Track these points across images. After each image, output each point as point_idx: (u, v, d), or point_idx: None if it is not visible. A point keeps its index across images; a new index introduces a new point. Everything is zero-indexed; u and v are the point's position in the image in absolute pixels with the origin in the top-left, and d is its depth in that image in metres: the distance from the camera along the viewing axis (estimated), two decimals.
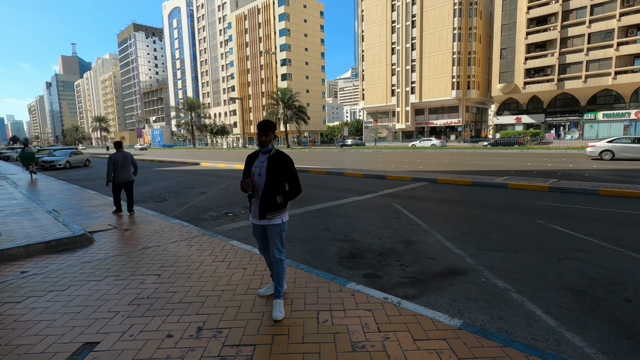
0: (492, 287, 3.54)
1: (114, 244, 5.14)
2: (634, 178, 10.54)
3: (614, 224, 5.71)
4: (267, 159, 2.89)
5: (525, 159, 19.66)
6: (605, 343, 2.58)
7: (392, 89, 60.09)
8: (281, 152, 2.93)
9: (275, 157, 2.89)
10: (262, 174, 2.87)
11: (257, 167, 2.91)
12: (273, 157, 2.89)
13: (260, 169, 2.89)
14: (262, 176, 2.86)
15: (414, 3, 55.33)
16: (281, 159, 2.89)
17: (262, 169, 2.87)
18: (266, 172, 2.85)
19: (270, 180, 2.85)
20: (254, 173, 2.89)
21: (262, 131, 2.84)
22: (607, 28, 41.18)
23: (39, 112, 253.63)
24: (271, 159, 2.88)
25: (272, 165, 2.86)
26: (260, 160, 2.92)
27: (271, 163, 2.87)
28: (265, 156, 2.91)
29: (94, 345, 2.57)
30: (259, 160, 2.93)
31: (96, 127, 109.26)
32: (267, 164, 2.87)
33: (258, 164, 2.91)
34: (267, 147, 2.89)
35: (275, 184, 2.86)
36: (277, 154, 2.91)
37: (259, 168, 2.90)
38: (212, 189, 11.03)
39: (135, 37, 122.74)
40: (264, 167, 2.87)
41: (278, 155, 2.90)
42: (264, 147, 2.88)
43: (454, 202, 7.92)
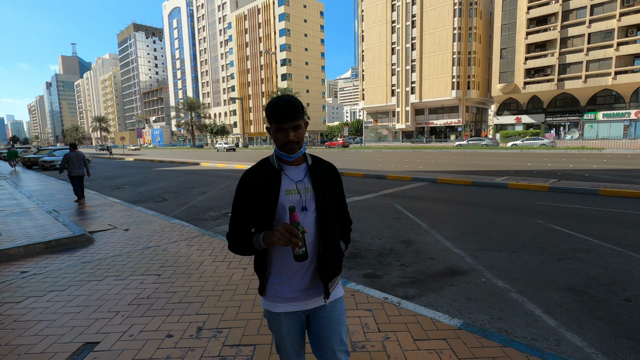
0: (492, 287, 3.54)
1: (114, 244, 5.15)
2: (634, 178, 10.54)
3: (614, 224, 5.71)
4: (308, 172, 1.51)
5: (525, 159, 19.67)
6: (605, 343, 2.58)
7: (392, 89, 60.09)
8: (316, 156, 1.59)
9: (318, 166, 1.54)
10: (309, 203, 1.46)
11: (292, 192, 1.46)
12: (316, 168, 1.53)
13: (301, 197, 1.46)
14: (310, 209, 1.46)
15: (414, 3, 55.33)
16: (327, 168, 1.57)
17: (307, 194, 1.48)
18: (315, 198, 1.47)
19: (325, 212, 1.48)
20: (291, 207, 1.35)
21: (287, 119, 1.36)
22: (607, 28, 41.19)
23: (39, 112, 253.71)
24: (314, 172, 1.51)
25: (321, 183, 1.50)
26: (294, 177, 1.49)
27: (318, 179, 1.50)
28: (301, 168, 1.51)
29: (94, 345, 2.57)
30: (288, 179, 1.48)
31: (96, 127, 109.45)
32: (311, 183, 1.49)
33: (292, 188, 1.47)
34: (298, 152, 1.46)
35: (332, 217, 1.52)
36: (318, 162, 1.57)
37: (297, 195, 1.46)
38: (212, 189, 11.03)
39: (135, 37, 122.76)
40: (308, 189, 1.48)
41: (320, 163, 1.56)
42: (293, 152, 1.44)
43: (454, 202, 7.92)
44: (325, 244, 1.46)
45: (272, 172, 1.43)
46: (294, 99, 1.35)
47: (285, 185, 1.42)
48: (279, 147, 1.41)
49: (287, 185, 1.43)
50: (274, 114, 1.33)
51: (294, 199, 1.42)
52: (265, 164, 1.46)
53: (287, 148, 1.38)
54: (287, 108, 1.32)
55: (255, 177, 1.43)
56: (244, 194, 1.43)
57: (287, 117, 1.32)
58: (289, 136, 1.35)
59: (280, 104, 1.32)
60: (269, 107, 1.34)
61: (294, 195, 1.42)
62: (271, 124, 1.37)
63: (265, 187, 1.40)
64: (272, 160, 1.46)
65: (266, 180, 1.41)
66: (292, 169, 1.46)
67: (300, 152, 1.45)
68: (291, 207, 1.28)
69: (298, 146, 1.40)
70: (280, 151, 1.42)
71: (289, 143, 1.36)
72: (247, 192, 1.42)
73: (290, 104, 1.32)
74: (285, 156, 1.42)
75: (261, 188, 1.40)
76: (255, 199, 1.41)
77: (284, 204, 1.39)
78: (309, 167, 1.49)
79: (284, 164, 1.46)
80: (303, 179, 1.46)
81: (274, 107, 1.32)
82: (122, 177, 16.25)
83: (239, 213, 1.45)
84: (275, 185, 1.40)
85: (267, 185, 1.40)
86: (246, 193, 1.42)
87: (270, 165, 1.45)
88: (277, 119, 1.33)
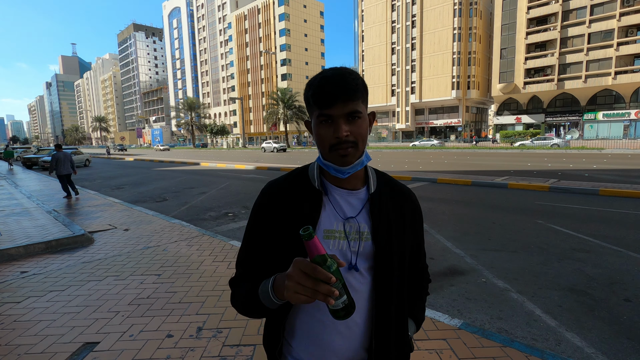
0: (492, 287, 3.54)
1: (114, 244, 5.15)
2: (634, 178, 10.54)
3: (614, 224, 5.71)
4: (368, 203, 0.88)
5: (525, 159, 19.67)
6: (605, 343, 2.58)
7: (392, 89, 60.10)
8: (384, 174, 0.98)
9: (387, 194, 0.92)
10: (362, 260, 0.85)
11: (335, 235, 0.84)
12: (382, 197, 0.90)
13: (350, 245, 0.84)
14: (363, 270, 0.85)
15: (414, 3, 55.35)
16: (402, 197, 0.95)
17: (360, 242, 0.85)
18: (374, 253, 0.86)
19: (389, 279, 0.87)
20: (305, 232, 0.65)
21: (338, 100, 0.78)
22: (607, 28, 41.20)
23: (39, 112, 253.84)
24: (379, 204, 0.89)
25: (387, 227, 0.87)
26: (344, 209, 0.87)
27: (383, 218, 0.88)
28: (358, 195, 0.89)
29: (94, 345, 2.57)
30: (333, 211, 0.86)
31: (96, 127, 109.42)
32: (371, 225, 0.86)
33: (337, 228, 0.85)
34: (356, 162, 0.84)
35: (399, 286, 0.90)
36: (387, 185, 0.94)
37: (345, 241, 0.85)
38: (212, 189, 11.03)
39: (135, 37, 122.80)
40: (364, 235, 0.86)
41: (391, 188, 0.94)
42: (348, 162, 0.82)
43: (454, 202, 7.92)
44: (382, 331, 0.86)
45: (307, 194, 0.86)
46: (351, 71, 0.81)
47: (327, 220, 0.83)
48: (324, 153, 0.83)
49: (329, 222, 0.83)
50: (316, 92, 0.78)
51: (337, 247, 0.83)
52: (300, 177, 0.90)
53: (336, 154, 0.80)
54: (339, 82, 0.76)
55: (283, 196, 0.87)
56: (263, 218, 0.88)
57: (339, 95, 0.76)
58: (340, 130, 0.77)
59: (328, 76, 0.78)
60: (309, 84, 0.81)
61: (338, 241, 0.83)
62: (312, 112, 0.83)
63: (294, 216, 0.84)
64: (311, 174, 0.89)
65: (298, 205, 0.85)
66: (342, 193, 0.86)
67: (360, 164, 0.84)
68: (305, 231, 0.65)
69: (356, 151, 0.80)
70: (326, 160, 0.84)
71: (339, 144, 0.78)
72: (268, 216, 0.87)
73: (345, 78, 0.77)
74: (334, 169, 0.82)
75: (289, 216, 0.84)
76: (278, 232, 0.85)
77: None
78: (372, 195, 0.87)
79: (330, 184, 0.88)
80: (357, 214, 0.85)
81: (317, 81, 0.79)
82: (122, 177, 16.25)
83: (251, 247, 0.89)
84: (309, 217, 0.83)
85: (297, 214, 0.84)
86: (266, 218, 0.87)
87: (306, 181, 0.89)
88: (322, 99, 0.77)
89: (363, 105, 0.82)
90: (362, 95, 0.81)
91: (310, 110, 0.84)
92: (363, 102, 0.82)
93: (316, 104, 0.79)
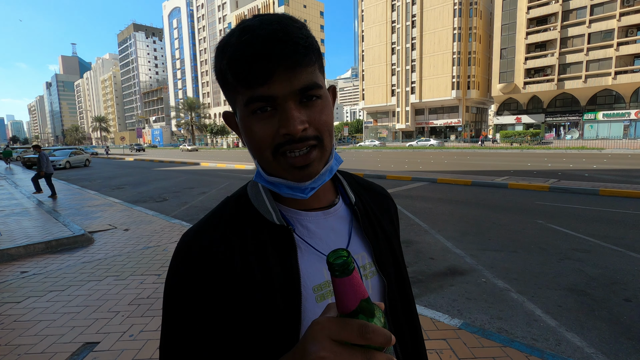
0: (492, 287, 3.54)
1: (114, 244, 5.14)
2: (634, 178, 10.54)
3: (614, 224, 5.71)
4: (356, 222, 0.59)
5: (525, 159, 19.67)
6: (605, 343, 2.58)
7: (392, 89, 60.09)
8: (350, 174, 0.67)
9: (367, 200, 0.63)
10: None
11: (330, 291, 0.52)
12: (366, 205, 0.61)
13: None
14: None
15: (414, 3, 55.34)
16: (380, 199, 0.68)
17: (370, 282, 0.56)
18: (383, 288, 0.58)
19: (411, 312, 0.63)
20: (335, 260, 0.35)
21: (277, 65, 0.43)
22: (607, 28, 41.17)
23: (39, 112, 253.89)
24: (367, 217, 0.60)
25: (388, 245, 0.61)
26: (327, 242, 0.54)
27: (381, 234, 0.60)
28: (337, 213, 0.58)
29: (94, 345, 2.57)
30: (312, 250, 0.53)
31: (96, 127, 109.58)
32: (370, 249, 0.58)
33: (328, 277, 0.52)
34: (322, 172, 0.51)
35: (411, 320, 0.62)
36: (362, 187, 0.66)
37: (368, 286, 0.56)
38: (212, 189, 11.03)
39: (135, 37, 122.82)
40: (367, 267, 0.56)
41: (367, 191, 0.66)
42: (312, 175, 0.49)
43: (454, 202, 7.93)
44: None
45: (263, 241, 0.52)
46: (290, 16, 0.48)
47: (311, 270, 0.52)
48: (264, 162, 0.50)
49: (314, 272, 0.52)
50: (235, 58, 0.45)
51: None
52: (240, 213, 0.55)
53: (288, 163, 0.48)
54: (276, 35, 0.44)
55: (223, 257, 0.50)
56: (196, 307, 0.48)
57: (279, 60, 0.44)
58: (292, 121, 0.45)
59: (255, 25, 0.45)
60: (222, 46, 0.47)
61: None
62: (235, 98, 0.50)
63: (254, 287, 0.49)
64: (258, 203, 0.55)
65: (257, 264, 0.50)
66: (316, 217, 0.56)
67: (328, 173, 0.53)
68: (339, 258, 0.35)
69: (321, 152, 0.50)
70: (270, 174, 0.52)
71: (290, 143, 0.46)
72: (205, 301, 0.48)
73: (285, 27, 0.45)
74: (288, 187, 0.51)
75: (245, 289, 0.49)
76: (237, 317, 0.48)
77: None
78: (355, 205, 0.59)
79: (290, 209, 0.55)
80: (348, 242, 0.57)
81: (236, 38, 0.45)
82: (121, 177, 16.25)
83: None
84: (283, 276, 0.50)
85: (260, 280, 0.49)
86: (201, 305, 0.48)
87: (252, 218, 0.54)
88: (249, 70, 0.44)
89: (321, 77, 0.50)
90: (318, 60, 0.49)
91: (231, 93, 0.50)
92: (320, 71, 0.50)
93: (239, 81, 0.45)
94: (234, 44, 0.45)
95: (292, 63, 0.44)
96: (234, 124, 0.56)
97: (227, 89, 0.50)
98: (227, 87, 0.49)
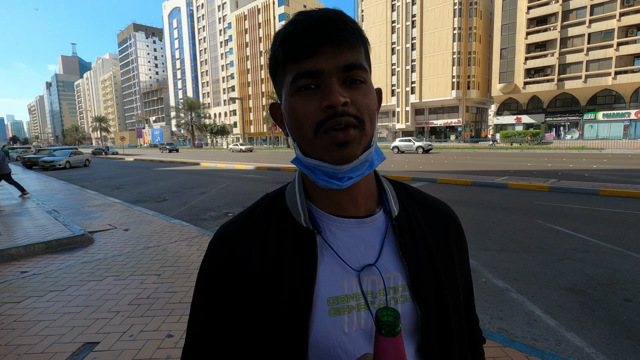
0: (492, 287, 3.54)
1: (114, 244, 5.14)
2: (634, 178, 10.54)
3: (614, 224, 5.71)
4: (393, 234, 0.53)
5: (525, 159, 19.67)
6: (605, 343, 2.58)
7: (392, 89, 60.09)
8: (405, 185, 0.66)
9: (417, 215, 0.57)
10: (405, 340, 0.49)
11: (347, 304, 0.48)
12: (411, 220, 0.55)
13: (374, 316, 0.41)
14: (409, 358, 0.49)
15: (414, 3, 55.34)
16: (439, 218, 0.60)
17: (401, 307, 0.50)
18: (417, 318, 0.50)
19: (452, 354, 0.53)
20: (384, 319, 0.38)
21: (325, 41, 0.44)
22: (607, 28, 41.17)
23: (39, 112, 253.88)
24: (410, 233, 0.54)
25: (434, 271, 0.53)
26: (355, 254, 0.50)
27: (425, 256, 0.53)
28: (376, 224, 0.53)
29: (94, 345, 2.57)
30: (337, 260, 0.50)
31: (96, 127, 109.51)
32: (407, 273, 0.51)
33: (349, 291, 0.49)
34: (362, 158, 0.47)
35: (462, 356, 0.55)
36: (413, 200, 0.60)
37: (365, 311, 0.49)
38: (212, 189, 11.03)
39: (135, 37, 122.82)
40: (399, 291, 0.50)
41: (420, 205, 0.60)
42: (349, 157, 0.46)
43: (454, 202, 7.92)
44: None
45: (287, 240, 0.52)
46: (344, 13, 0.49)
47: (330, 280, 0.49)
48: (305, 144, 0.48)
49: (333, 282, 0.49)
50: (288, 37, 0.47)
51: (357, 327, 0.49)
52: (272, 210, 0.55)
53: (328, 139, 0.45)
54: (327, 16, 0.46)
55: (246, 251, 0.52)
56: (219, 296, 0.52)
57: (327, 34, 0.45)
58: (333, 93, 0.44)
59: (307, 12, 0.48)
60: (277, 35, 0.49)
61: (355, 316, 0.49)
62: (282, 83, 0.50)
63: (272, 284, 0.49)
64: (290, 202, 0.55)
65: (275, 264, 0.50)
66: (348, 225, 0.52)
67: (369, 165, 0.50)
68: (385, 317, 0.38)
69: (361, 135, 0.46)
70: (309, 156, 0.49)
71: (333, 118, 0.44)
72: (227, 293, 0.52)
73: (337, 12, 0.48)
74: (325, 171, 0.48)
75: (261, 286, 0.50)
76: (249, 319, 0.50)
77: (328, 342, 0.47)
78: (397, 219, 0.54)
79: (323, 212, 0.53)
80: (378, 257, 0.51)
81: (290, 23, 0.47)
82: (121, 177, 16.25)
83: (206, 351, 0.54)
84: (298, 281, 0.49)
85: (276, 279, 0.49)
86: (224, 295, 0.52)
87: (283, 217, 0.54)
88: (298, 44, 0.46)
89: (367, 64, 0.49)
90: (364, 46, 0.49)
91: (280, 76, 0.49)
92: (367, 59, 0.49)
93: (288, 55, 0.46)
94: (287, 25, 0.48)
95: (338, 39, 0.45)
96: (279, 115, 0.55)
97: (276, 73, 0.51)
98: (277, 69, 0.50)
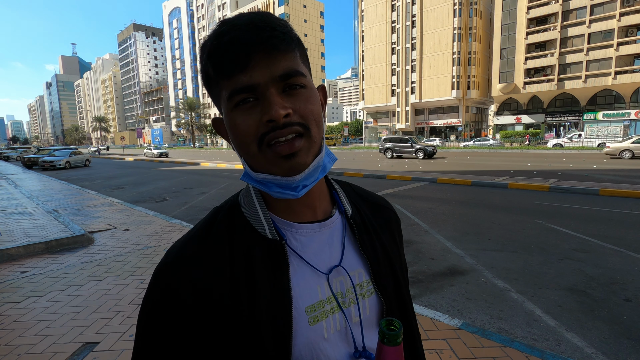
0: (492, 287, 3.54)
1: (114, 244, 5.14)
2: (634, 178, 10.54)
3: (614, 224, 5.71)
4: (352, 234, 0.55)
5: (525, 159, 19.67)
6: (605, 343, 2.58)
7: (392, 89, 60.09)
8: (346, 183, 0.63)
9: (365, 210, 0.60)
10: (369, 333, 0.51)
11: (323, 310, 0.48)
12: (363, 216, 0.58)
13: (355, 312, 0.50)
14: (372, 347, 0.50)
15: (414, 3, 55.34)
16: (380, 210, 0.63)
17: (368, 301, 0.52)
18: (386, 314, 0.53)
19: (413, 339, 0.59)
20: (385, 331, 0.41)
21: (256, 51, 0.42)
22: (607, 28, 41.16)
23: (39, 112, 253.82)
24: (364, 229, 0.56)
25: (388, 261, 0.56)
26: (321, 258, 0.50)
27: (379, 248, 0.56)
28: (334, 225, 0.53)
29: (94, 345, 2.57)
30: (307, 266, 0.49)
31: (96, 127, 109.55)
32: (368, 266, 0.53)
33: (323, 296, 0.49)
34: (313, 165, 0.46)
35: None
36: (358, 196, 0.62)
37: (339, 312, 0.49)
38: (212, 189, 11.03)
39: (135, 37, 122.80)
40: (364, 285, 0.52)
41: (364, 200, 0.62)
42: (301, 168, 0.44)
43: (454, 202, 7.92)
44: None
45: (254, 256, 0.47)
46: (269, 13, 0.46)
47: (304, 288, 0.48)
48: (250, 157, 0.46)
49: (308, 290, 0.48)
50: (215, 50, 0.44)
51: (335, 330, 0.48)
52: (229, 226, 0.50)
53: (274, 152, 0.44)
54: (254, 23, 0.43)
55: (210, 274, 0.46)
56: (180, 330, 0.45)
57: (256, 45, 0.42)
58: (273, 105, 0.42)
59: (233, 21, 0.44)
60: (203, 46, 0.46)
61: (332, 319, 0.49)
62: (219, 97, 0.47)
63: (245, 305, 0.45)
64: (250, 214, 0.51)
65: (245, 281, 0.46)
66: (311, 230, 0.51)
67: (321, 170, 0.49)
68: (390, 328, 0.41)
69: (309, 142, 0.45)
70: (257, 170, 0.47)
71: (275, 131, 0.43)
72: (191, 323, 0.45)
73: (264, 18, 0.44)
74: (277, 184, 0.46)
75: (234, 309, 0.44)
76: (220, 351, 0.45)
77: (311, 351, 0.46)
78: (352, 218, 0.56)
79: (284, 220, 0.51)
80: (341, 258, 0.52)
81: (214, 33, 0.44)
82: (121, 177, 16.25)
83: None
84: (274, 294, 0.46)
85: (250, 298, 0.45)
86: (187, 328, 0.45)
87: (244, 231, 0.49)
88: (227, 58, 0.43)
89: (304, 66, 0.47)
90: (298, 48, 0.46)
91: (215, 91, 0.47)
92: (303, 62, 0.47)
93: (219, 72, 0.44)
94: (212, 37, 0.44)
95: (269, 47, 0.43)
96: (223, 129, 0.51)
97: (211, 88, 0.48)
98: (211, 85, 0.48)
